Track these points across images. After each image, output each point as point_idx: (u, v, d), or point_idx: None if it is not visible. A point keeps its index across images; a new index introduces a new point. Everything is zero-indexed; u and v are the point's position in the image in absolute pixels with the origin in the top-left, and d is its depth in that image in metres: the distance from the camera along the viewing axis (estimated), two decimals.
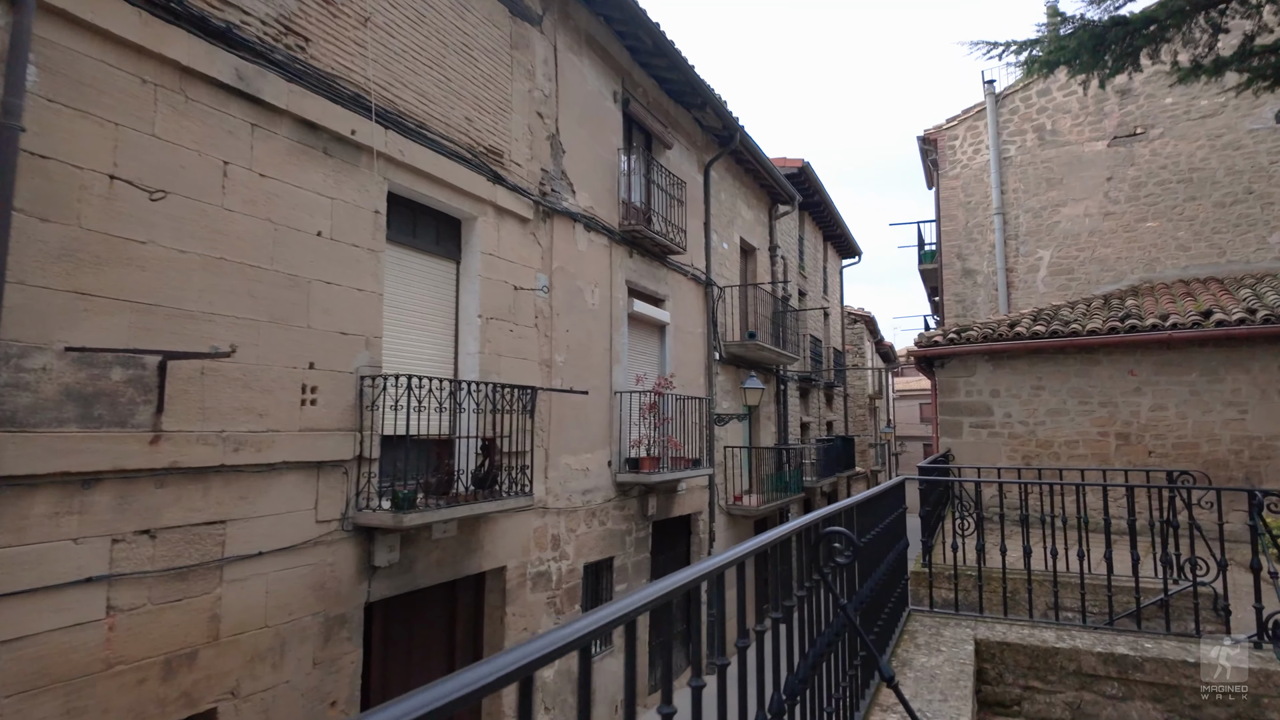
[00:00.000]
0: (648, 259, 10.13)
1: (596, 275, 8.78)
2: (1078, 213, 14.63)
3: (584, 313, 8.48)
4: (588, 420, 8.42)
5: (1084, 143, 14.70)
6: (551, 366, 7.82)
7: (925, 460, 6.81)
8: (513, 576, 7.11)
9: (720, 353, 12.52)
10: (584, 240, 8.54)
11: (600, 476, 8.63)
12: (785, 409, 16.16)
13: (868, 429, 28.20)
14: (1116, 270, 14.19)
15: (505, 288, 7.19)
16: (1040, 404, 11.15)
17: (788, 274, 17.06)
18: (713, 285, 12.25)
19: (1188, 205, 13.59)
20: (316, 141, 5.28)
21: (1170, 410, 10.38)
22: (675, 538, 10.98)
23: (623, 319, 9.33)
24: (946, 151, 16.31)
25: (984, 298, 15.56)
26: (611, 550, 8.81)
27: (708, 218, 12.26)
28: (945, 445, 11.58)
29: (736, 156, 13.61)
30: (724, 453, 12.59)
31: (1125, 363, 10.69)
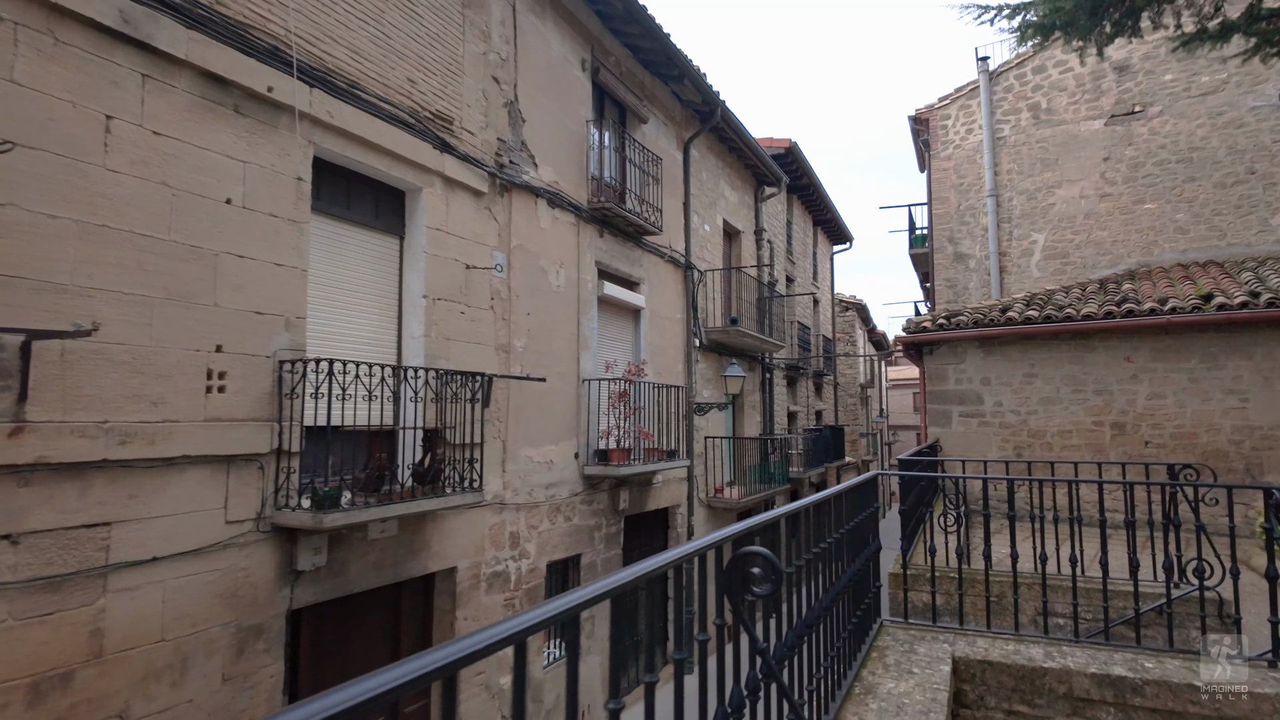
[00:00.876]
0: (620, 239, 9.59)
1: (562, 255, 8.23)
2: (1073, 194, 14.12)
3: (548, 295, 7.94)
4: (552, 410, 7.91)
5: (1080, 121, 14.16)
6: (510, 352, 7.29)
7: (907, 452, 6.30)
8: (464, 578, 6.61)
9: (701, 339, 12.01)
10: (547, 217, 7.99)
11: (566, 469, 8.12)
12: (771, 398, 15.66)
13: (859, 419, 27.76)
14: (1113, 254, 13.69)
15: (456, 266, 6.64)
16: (1033, 392, 10.68)
17: (774, 259, 16.53)
18: (693, 269, 11.72)
19: (1187, 186, 13.09)
20: (225, 98, 4.72)
21: (1168, 399, 9.91)
22: (652, 532, 10.49)
23: (592, 302, 8.80)
24: (938, 132, 15.76)
25: (976, 283, 15.06)
26: (579, 547, 8.32)
27: (687, 198, 11.70)
28: (934, 435, 11.11)
29: (719, 134, 13.04)
30: (704, 443, 12.09)
31: (1122, 349, 10.21)
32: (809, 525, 2.80)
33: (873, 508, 4.12)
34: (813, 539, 2.98)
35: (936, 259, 15.65)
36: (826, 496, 3.04)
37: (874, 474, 4.17)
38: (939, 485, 8.69)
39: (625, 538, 9.42)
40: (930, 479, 7.66)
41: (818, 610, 2.72)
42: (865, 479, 3.98)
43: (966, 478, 5.02)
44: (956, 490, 5.93)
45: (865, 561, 3.82)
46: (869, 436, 30.29)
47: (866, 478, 4.02)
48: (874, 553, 4.04)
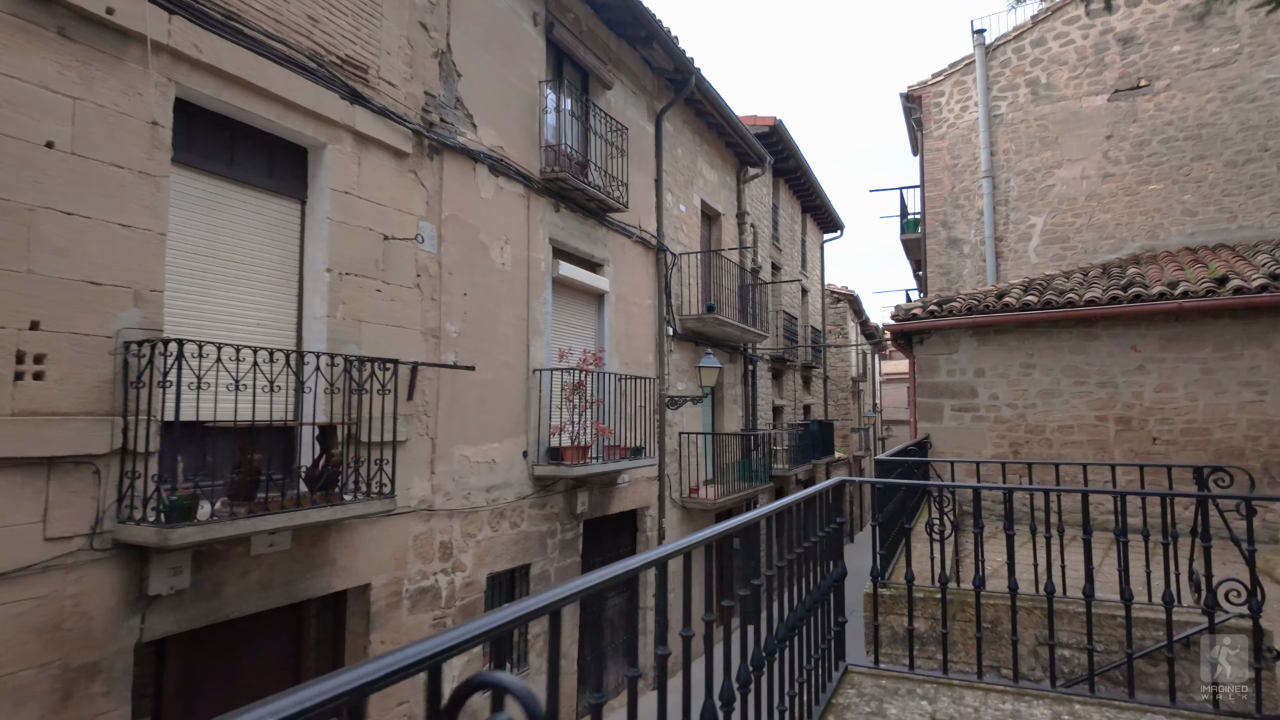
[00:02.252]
0: (581, 216, 8.71)
1: (508, 229, 7.36)
2: (1074, 175, 13.27)
3: (490, 273, 7.07)
4: (495, 403, 7.04)
5: (1082, 97, 13.31)
6: (441, 337, 6.42)
7: (887, 453, 5.42)
8: (381, 596, 5.75)
9: (675, 328, 11.14)
10: (489, 185, 7.11)
11: (512, 470, 7.26)
12: (754, 391, 14.81)
13: (850, 413, 26.95)
14: (1116, 238, 12.86)
15: (370, 237, 5.77)
16: (1031, 384, 9.85)
17: (758, 245, 15.66)
18: (665, 251, 10.85)
19: (1195, 165, 12.25)
20: (46, 18, 3.83)
21: (1178, 391, 9.09)
22: (618, 537, 9.65)
23: (545, 284, 7.93)
24: (931, 110, 14.90)
25: (971, 270, 14.22)
26: (528, 556, 7.46)
27: (659, 174, 10.82)
28: (924, 431, 10.27)
29: (696, 108, 12.16)
30: (679, 440, 11.24)
31: (1128, 337, 9.38)
32: (742, 551, 1.96)
33: (834, 525, 3.27)
34: (738, 578, 2.14)
35: (929, 244, 14.81)
36: (756, 518, 2.20)
37: (837, 480, 3.33)
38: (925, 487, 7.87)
39: (585, 544, 8.57)
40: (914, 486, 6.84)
41: (738, 681, 1.86)
42: (823, 488, 3.14)
43: (957, 486, 4.18)
44: (946, 495, 5.09)
45: (822, 595, 2.98)
46: (861, 432, 29.50)
47: (825, 486, 3.17)
48: (835, 582, 3.20)
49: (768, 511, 2.62)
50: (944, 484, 4.06)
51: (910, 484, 4.66)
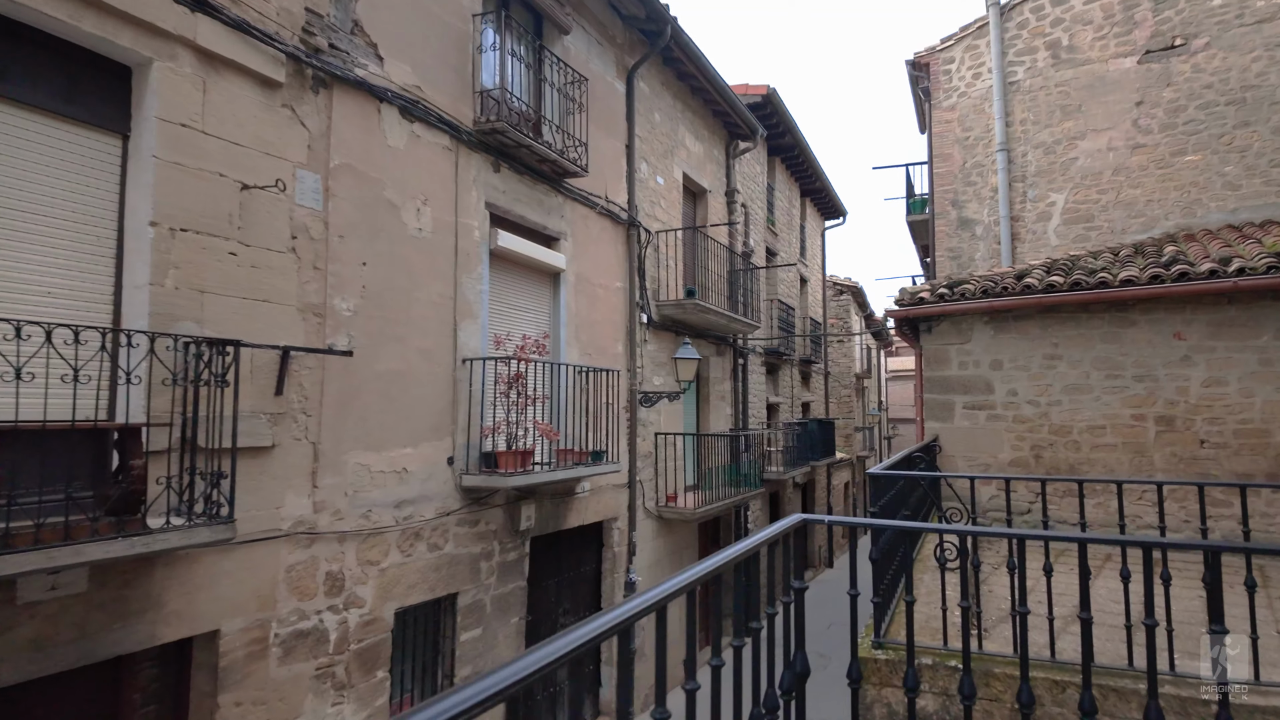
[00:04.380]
0: (530, 179, 7.42)
1: (427, 187, 6.08)
2: (1099, 146, 11.91)
3: (400, 240, 5.78)
4: (407, 399, 5.77)
5: (1109, 60, 11.95)
6: (327, 316, 5.13)
7: (880, 465, 4.03)
8: (236, 644, 4.48)
9: (649, 314, 9.85)
10: (400, 132, 5.82)
11: (432, 480, 5.98)
12: (745, 387, 13.50)
13: (854, 412, 25.61)
14: (1147, 216, 11.51)
15: (221, 185, 4.49)
16: (1055, 378, 8.53)
17: (750, 227, 14.34)
18: (638, 227, 9.54)
19: (1239, 133, 10.89)
20: None
21: (1231, 386, 7.76)
22: (579, 554, 8.36)
23: (479, 256, 6.64)
24: (940, 78, 13.55)
25: (984, 253, 12.89)
26: (454, 583, 6.19)
27: (631, 139, 9.52)
28: (932, 431, 8.97)
29: (677, 69, 10.85)
30: (655, 441, 9.96)
31: (1170, 323, 8.06)
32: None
33: (793, 592, 1.98)
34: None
35: (938, 226, 13.46)
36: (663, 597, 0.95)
37: (796, 520, 2.05)
38: (933, 499, 6.55)
39: (534, 564, 7.29)
40: (925, 488, 5.54)
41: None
42: (771, 536, 1.87)
43: (980, 532, 2.88)
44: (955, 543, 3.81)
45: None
46: (865, 431, 28.16)
47: (776, 533, 1.89)
48: (795, 685, 1.91)
49: (685, 582, 1.38)
50: (965, 529, 2.73)
51: (906, 527, 3.30)
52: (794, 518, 2.01)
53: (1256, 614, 3.27)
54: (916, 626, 3.84)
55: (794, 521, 2.01)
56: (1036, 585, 3.51)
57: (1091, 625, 2.45)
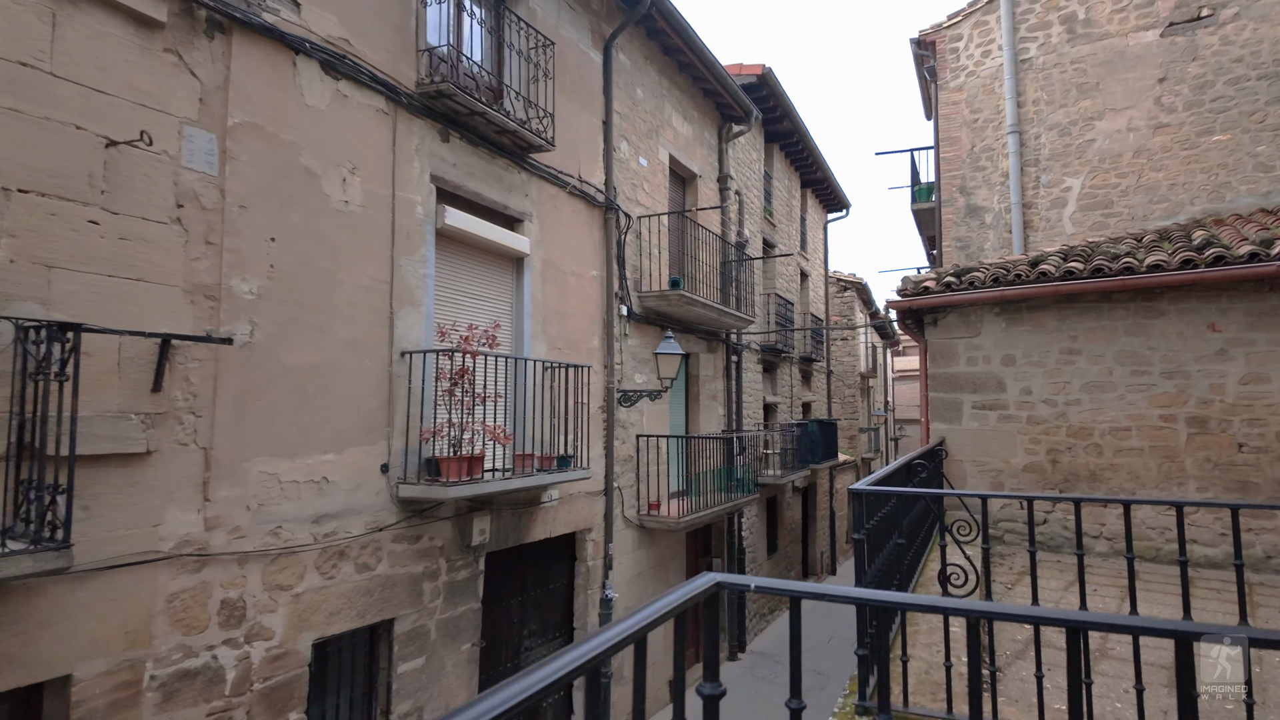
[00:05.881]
0: (488, 152, 6.65)
1: (357, 155, 5.31)
2: (1119, 126, 11.07)
3: (320, 213, 5.02)
4: (328, 398, 5.00)
5: (1129, 33, 11.10)
6: (223, 299, 4.37)
7: (866, 480, 3.17)
8: (97, 690, 3.72)
9: (630, 306, 9.06)
10: (321, 90, 5.06)
11: (360, 491, 5.21)
12: (739, 386, 12.70)
13: (858, 412, 24.76)
14: (1171, 200, 10.66)
15: (78, 140, 3.73)
16: (1074, 375, 7.72)
17: (745, 216, 13.54)
18: (616, 210, 8.76)
19: (1272, 109, 10.04)
20: None
21: (1274, 383, 6.95)
22: (547, 569, 7.58)
23: (423, 236, 5.87)
24: (948, 56, 12.74)
25: (994, 242, 12.05)
26: (389, 608, 5.42)
27: (609, 114, 8.74)
28: (938, 433, 8.16)
29: (661, 42, 10.07)
30: (636, 444, 9.17)
31: (1203, 313, 7.24)
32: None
33: None
34: None
35: (945, 214, 12.64)
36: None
37: (707, 585, 1.26)
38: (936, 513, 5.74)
39: (490, 583, 6.51)
40: (928, 505, 4.73)
41: None
42: (667, 610, 1.10)
43: (993, 615, 2.17)
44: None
45: None
46: (871, 432, 27.29)
47: (673, 607, 1.12)
48: None
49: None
50: (976, 609, 1.91)
51: (880, 602, 2.28)
52: (705, 579, 1.25)
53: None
54: (914, 681, 3.04)
55: (703, 587, 1.24)
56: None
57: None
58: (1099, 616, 1.09)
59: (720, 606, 1.29)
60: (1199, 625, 1.11)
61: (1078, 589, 6.30)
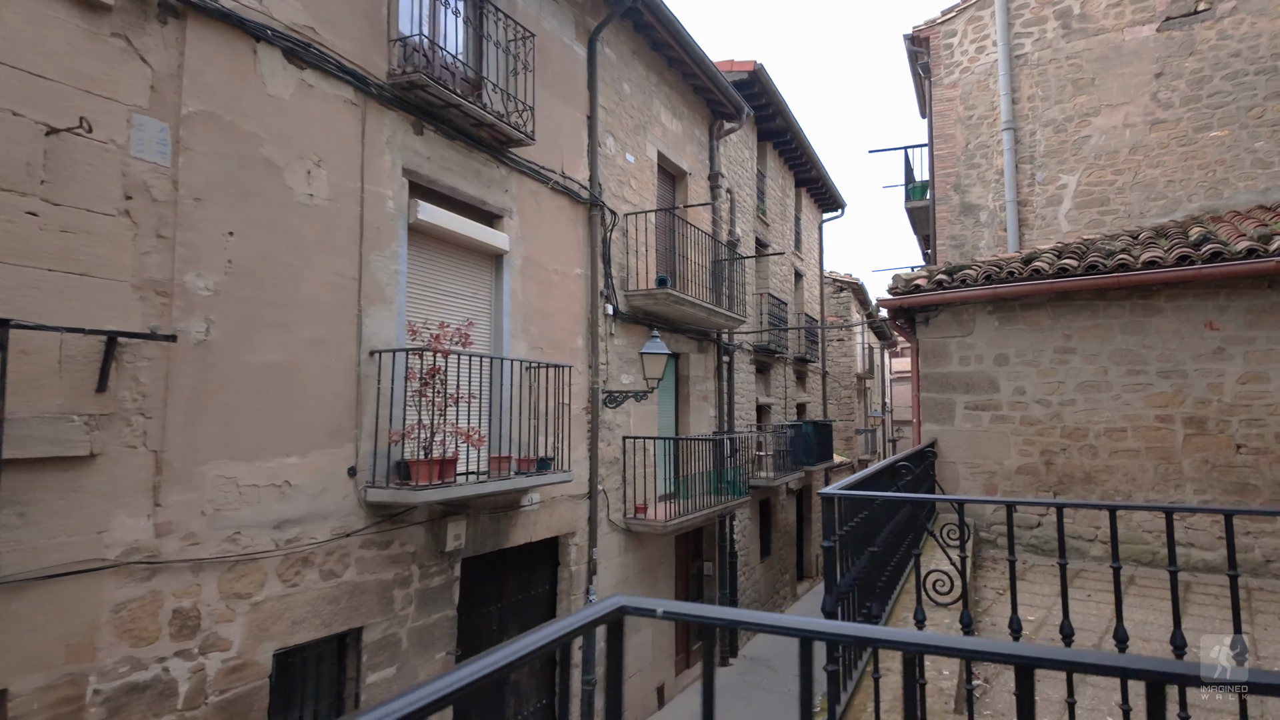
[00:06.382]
0: (465, 146, 6.47)
1: (323, 147, 5.13)
2: (1115, 123, 10.91)
3: (283, 206, 4.84)
4: (291, 397, 4.82)
5: (1125, 28, 10.94)
6: (175, 295, 4.19)
7: (839, 484, 2.94)
8: (35, 707, 3.53)
9: (615, 305, 8.88)
10: (285, 80, 4.88)
11: (326, 495, 5.03)
12: (730, 386, 12.52)
13: (855, 413, 24.58)
14: (1169, 198, 10.49)
15: (15, 125, 3.55)
16: (1068, 375, 7.54)
17: (737, 215, 13.36)
18: (601, 206, 8.58)
19: (1270, 105, 9.87)
20: None
21: (1273, 382, 6.77)
22: (528, 575, 7.39)
23: (395, 231, 5.69)
24: (941, 52, 12.57)
25: (989, 241, 11.88)
26: (357, 616, 5.23)
27: (594, 109, 8.56)
28: (929, 435, 7.98)
29: (649, 36, 9.89)
30: (623, 446, 8.99)
31: (1200, 311, 7.07)
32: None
33: None
34: None
35: (939, 212, 12.46)
36: None
37: (610, 608, 1.08)
38: (922, 520, 5.56)
39: (465, 590, 6.32)
40: (912, 512, 4.54)
41: None
42: (560, 636, 0.92)
43: (925, 648, 1.92)
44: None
45: None
46: (868, 433, 27.11)
47: (567, 632, 0.94)
48: None
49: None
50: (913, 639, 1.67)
51: (803, 632, 2.04)
52: (609, 603, 1.07)
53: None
54: (889, 698, 2.86)
55: (604, 612, 1.06)
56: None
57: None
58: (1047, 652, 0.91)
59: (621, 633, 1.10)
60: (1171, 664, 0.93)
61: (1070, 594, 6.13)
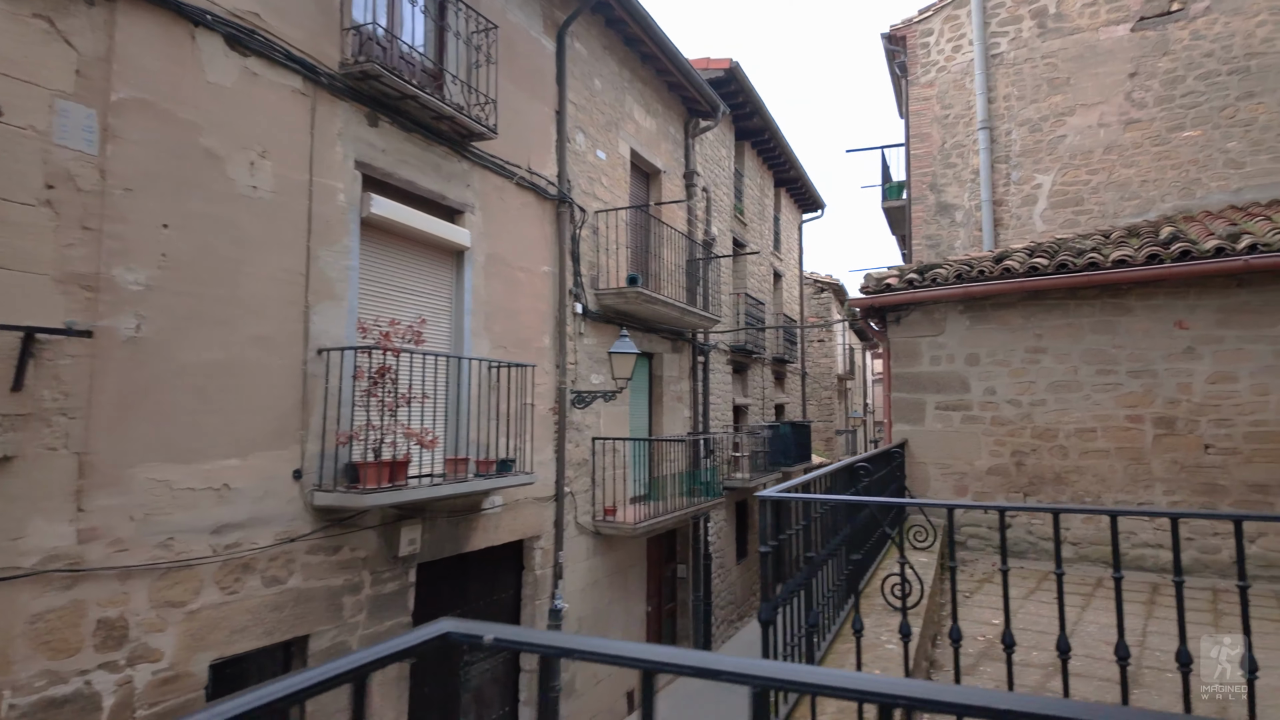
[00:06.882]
0: (423, 139, 6.30)
1: (269, 138, 4.95)
2: (1090, 122, 10.89)
3: (224, 199, 4.65)
4: (231, 397, 4.63)
5: (1100, 28, 10.92)
6: (103, 290, 3.99)
7: (778, 487, 2.78)
8: None
9: (584, 303, 8.73)
10: (227, 67, 4.69)
11: (270, 498, 4.84)
12: (705, 387, 12.40)
13: (835, 414, 24.55)
14: (1142, 197, 10.48)
15: None
16: (1039, 375, 7.47)
17: (714, 214, 13.24)
18: (569, 203, 8.43)
19: (1243, 105, 9.87)
20: None
21: (1242, 382, 6.71)
22: (491, 579, 7.22)
23: (346, 225, 5.51)
24: (918, 51, 12.52)
25: (965, 240, 11.84)
26: (303, 624, 5.04)
27: (562, 103, 8.40)
28: (900, 434, 7.89)
29: (621, 31, 9.75)
30: (592, 447, 8.83)
31: (1171, 310, 7.01)
32: None
33: None
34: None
35: (915, 211, 12.41)
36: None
37: (431, 635, 0.93)
38: (888, 524, 5.44)
39: (421, 596, 6.14)
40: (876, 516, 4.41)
41: None
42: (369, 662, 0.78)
43: (787, 685, 1.75)
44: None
45: None
46: (848, 434, 27.09)
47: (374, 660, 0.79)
48: None
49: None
50: (782, 676, 1.47)
51: (653, 665, 1.87)
52: (431, 629, 0.92)
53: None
54: None
55: (426, 638, 0.92)
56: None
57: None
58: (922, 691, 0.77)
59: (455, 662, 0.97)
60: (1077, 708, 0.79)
61: (1037, 597, 6.03)
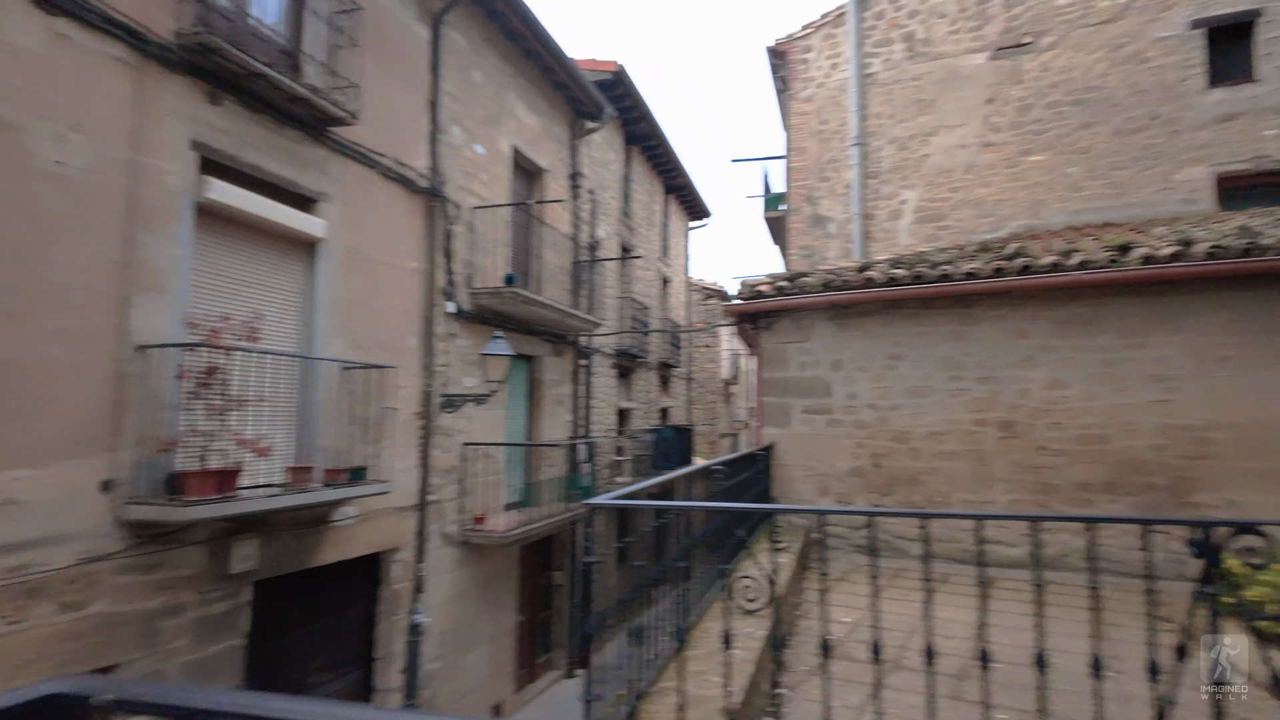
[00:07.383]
0: (274, 122, 5.85)
1: (82, 110, 4.43)
2: (952, 143, 11.55)
3: (22, 175, 4.12)
4: (23, 400, 4.10)
5: (961, 55, 11.62)
6: None
7: (614, 494, 2.66)
8: None
9: (457, 303, 8.42)
10: (29, 29, 4.16)
11: (71, 513, 4.32)
12: (588, 390, 12.29)
13: (719, 418, 25.05)
14: (996, 215, 11.20)
15: None
16: (897, 380, 7.79)
17: (601, 217, 13.17)
18: (440, 197, 8.11)
19: (1082, 134, 10.72)
20: None
21: (1073, 388, 7.21)
22: (342, 595, 6.80)
23: (176, 210, 5.03)
24: (798, 67, 12.92)
25: (837, 252, 12.28)
26: (111, 653, 4.53)
27: (436, 94, 8.08)
28: (769, 437, 8.05)
29: (504, 26, 9.49)
30: (463, 453, 8.52)
31: (1014, 320, 7.46)
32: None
33: None
34: None
35: (792, 223, 12.79)
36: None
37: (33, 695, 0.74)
38: (746, 528, 5.50)
39: (259, 616, 5.68)
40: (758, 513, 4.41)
41: None
42: None
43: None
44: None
45: None
46: (732, 437, 27.71)
47: None
48: None
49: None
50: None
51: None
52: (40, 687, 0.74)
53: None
54: None
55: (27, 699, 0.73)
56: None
57: None
58: None
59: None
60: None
61: (888, 594, 6.25)
